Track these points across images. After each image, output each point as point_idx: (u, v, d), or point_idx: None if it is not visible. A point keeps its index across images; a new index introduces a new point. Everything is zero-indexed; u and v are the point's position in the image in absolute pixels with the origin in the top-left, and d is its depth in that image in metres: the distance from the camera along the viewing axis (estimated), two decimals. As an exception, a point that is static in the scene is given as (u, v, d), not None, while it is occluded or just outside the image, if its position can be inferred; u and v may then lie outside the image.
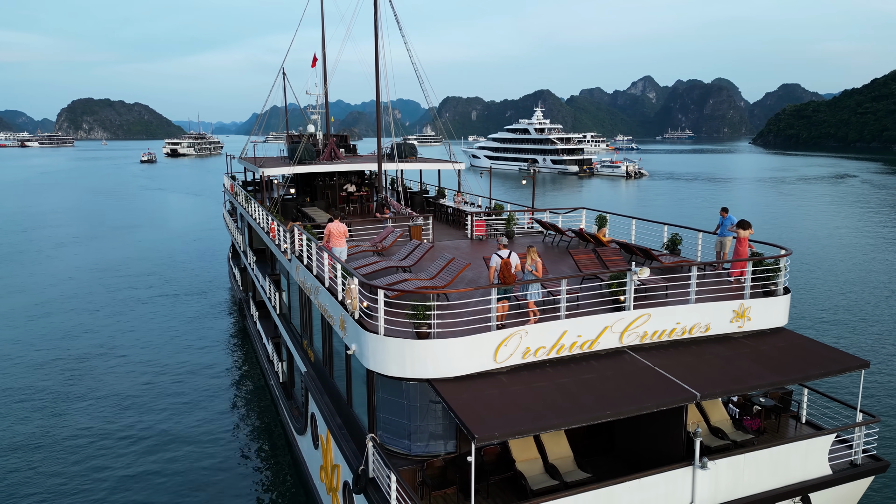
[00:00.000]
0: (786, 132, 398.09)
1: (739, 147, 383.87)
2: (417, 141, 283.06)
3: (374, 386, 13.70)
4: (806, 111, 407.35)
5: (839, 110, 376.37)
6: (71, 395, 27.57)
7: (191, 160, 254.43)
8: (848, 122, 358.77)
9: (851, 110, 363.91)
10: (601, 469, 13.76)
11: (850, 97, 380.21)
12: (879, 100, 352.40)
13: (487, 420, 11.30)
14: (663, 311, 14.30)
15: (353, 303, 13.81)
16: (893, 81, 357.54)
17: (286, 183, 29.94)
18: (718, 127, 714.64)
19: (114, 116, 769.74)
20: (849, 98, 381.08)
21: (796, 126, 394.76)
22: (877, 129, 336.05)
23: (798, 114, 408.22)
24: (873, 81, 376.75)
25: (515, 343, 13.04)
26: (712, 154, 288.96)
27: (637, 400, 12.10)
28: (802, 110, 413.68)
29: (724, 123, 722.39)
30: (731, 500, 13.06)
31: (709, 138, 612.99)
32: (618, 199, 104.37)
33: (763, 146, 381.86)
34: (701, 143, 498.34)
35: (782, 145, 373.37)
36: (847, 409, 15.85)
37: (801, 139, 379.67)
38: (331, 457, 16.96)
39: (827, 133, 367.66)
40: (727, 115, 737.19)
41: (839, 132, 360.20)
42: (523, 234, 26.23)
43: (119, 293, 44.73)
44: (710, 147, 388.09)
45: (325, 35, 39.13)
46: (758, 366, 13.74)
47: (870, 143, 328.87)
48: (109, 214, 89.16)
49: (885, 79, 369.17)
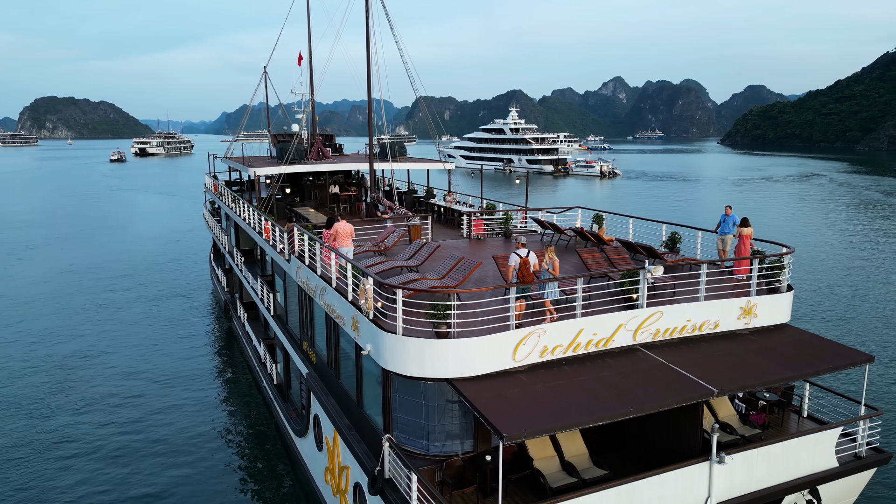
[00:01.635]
0: (753, 132, 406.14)
1: (708, 147, 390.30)
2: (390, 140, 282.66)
3: (391, 386, 13.63)
4: (772, 112, 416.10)
5: (804, 111, 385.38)
6: (52, 405, 26.56)
7: (160, 160, 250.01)
8: (812, 123, 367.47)
9: (816, 111, 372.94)
10: (615, 466, 13.91)
11: (815, 98, 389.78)
12: (842, 101, 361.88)
13: (513, 419, 11.33)
14: (675, 308, 14.50)
15: (369, 303, 13.73)
16: (856, 83, 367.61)
17: (278, 183, 29.59)
18: (687, 127, 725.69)
19: (78, 115, 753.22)
20: (813, 99, 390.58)
21: (763, 126, 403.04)
22: (840, 130, 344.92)
23: (764, 115, 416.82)
24: (836, 83, 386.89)
25: (534, 342, 13.10)
26: (682, 154, 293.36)
27: (657, 397, 12.24)
28: (768, 111, 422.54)
29: (692, 124, 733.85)
30: (744, 494, 13.29)
31: (678, 138, 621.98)
32: (593, 198, 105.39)
33: (731, 146, 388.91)
34: (671, 143, 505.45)
35: (749, 145, 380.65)
36: (846, 402, 16.25)
37: (768, 139, 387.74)
38: (338, 458, 16.84)
39: (792, 133, 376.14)
40: (695, 116, 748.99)
41: (804, 132, 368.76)
42: (517, 233, 26.28)
43: (97, 296, 43.75)
44: (679, 147, 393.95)
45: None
46: (768, 361, 14.01)
47: (833, 144, 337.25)
48: (81, 215, 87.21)
49: (847, 81, 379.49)
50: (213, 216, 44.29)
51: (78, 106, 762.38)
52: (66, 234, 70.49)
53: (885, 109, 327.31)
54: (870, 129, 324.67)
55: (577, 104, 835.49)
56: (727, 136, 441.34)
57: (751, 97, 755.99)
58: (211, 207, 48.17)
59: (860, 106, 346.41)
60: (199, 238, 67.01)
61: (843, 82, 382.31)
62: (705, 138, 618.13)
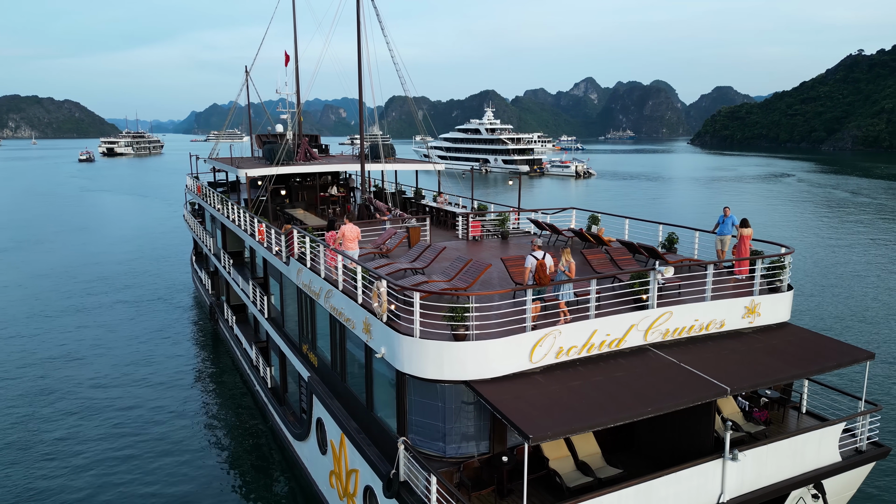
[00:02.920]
0: (721, 133, 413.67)
1: (678, 147, 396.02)
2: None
3: (406, 389, 13.62)
4: (739, 113, 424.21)
5: (770, 112, 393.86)
6: (33, 416, 25.68)
7: (129, 160, 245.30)
8: (779, 124, 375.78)
9: (782, 112, 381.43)
10: (627, 464, 14.09)
11: (781, 99, 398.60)
12: (807, 102, 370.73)
13: (537, 420, 11.42)
14: (683, 308, 14.74)
15: (383, 306, 13.70)
16: (820, 85, 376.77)
17: (271, 183, 29.26)
18: (657, 127, 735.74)
19: (42, 114, 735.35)
20: (779, 100, 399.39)
21: (731, 127, 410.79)
22: (805, 130, 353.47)
23: (732, 115, 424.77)
24: (802, 84, 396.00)
25: (550, 343, 13.22)
26: (654, 154, 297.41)
27: (673, 396, 12.44)
28: (736, 112, 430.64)
29: (662, 124, 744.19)
30: (754, 490, 13.57)
31: (648, 138, 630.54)
32: (570, 198, 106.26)
33: (700, 146, 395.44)
34: (641, 143, 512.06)
35: (718, 145, 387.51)
36: (843, 397, 16.68)
37: (736, 139, 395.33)
38: (346, 462, 16.77)
39: (759, 134, 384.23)
40: (665, 116, 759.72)
41: (771, 133, 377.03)
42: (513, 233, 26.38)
43: (76, 300, 42.77)
44: (650, 147, 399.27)
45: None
46: (775, 359, 14.32)
47: (799, 144, 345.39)
48: (52, 217, 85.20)
49: (812, 82, 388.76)
50: (196, 217, 43.66)
51: (42, 105, 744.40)
52: (37, 237, 68.80)
53: (848, 110, 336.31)
54: (834, 129, 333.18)
55: (550, 104, 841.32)
56: (697, 137, 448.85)
57: (718, 98, 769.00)
58: (192, 209, 47.48)
59: (825, 107, 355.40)
60: (176, 240, 65.97)
61: (808, 84, 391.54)
62: (675, 138, 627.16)
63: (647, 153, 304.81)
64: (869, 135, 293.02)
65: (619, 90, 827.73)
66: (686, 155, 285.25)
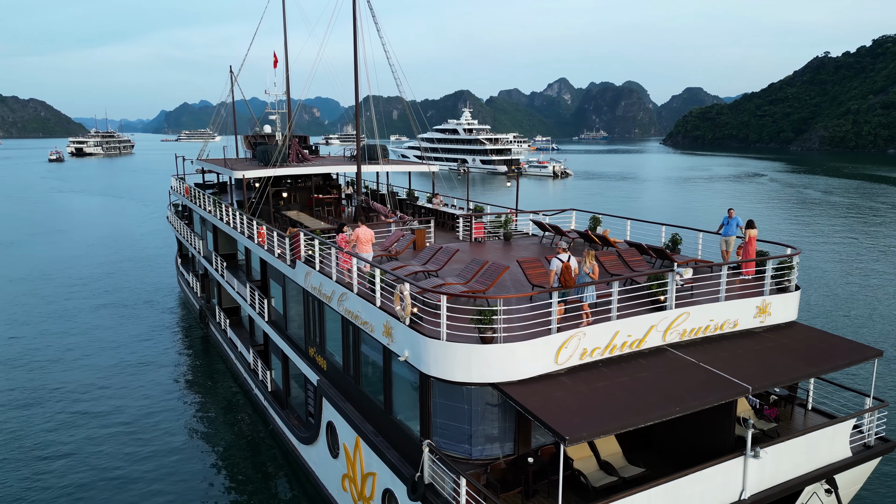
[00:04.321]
0: (692, 133, 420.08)
1: (651, 147, 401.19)
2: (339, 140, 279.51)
3: (431, 391, 13.64)
4: (710, 113, 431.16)
5: (740, 113, 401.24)
6: (20, 422, 25.08)
7: (99, 160, 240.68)
8: (748, 124, 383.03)
9: (751, 113, 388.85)
10: (647, 463, 14.30)
11: (750, 101, 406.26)
12: (776, 103, 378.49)
13: (571, 421, 11.54)
14: (700, 309, 15.00)
15: (407, 309, 13.70)
16: (788, 86, 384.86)
17: (268, 186, 28.96)
18: (630, 128, 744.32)
19: (6, 113, 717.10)
20: (748, 101, 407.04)
21: (702, 127, 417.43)
22: (774, 131, 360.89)
23: (703, 116, 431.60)
24: (770, 86, 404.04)
25: (575, 344, 13.35)
26: (628, 154, 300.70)
27: (698, 395, 12.66)
28: (707, 112, 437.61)
29: (634, 125, 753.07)
30: (772, 486, 13.87)
31: (621, 139, 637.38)
32: (547, 197, 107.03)
33: (673, 146, 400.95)
34: (615, 143, 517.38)
35: (690, 145, 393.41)
36: (847, 393, 17.13)
37: (707, 140, 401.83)
38: (361, 465, 16.73)
39: (730, 134, 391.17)
40: (637, 117, 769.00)
41: (740, 133, 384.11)
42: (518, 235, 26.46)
43: (57, 306, 41.78)
44: (624, 147, 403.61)
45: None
46: (789, 358, 14.65)
47: (768, 144, 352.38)
48: (25, 219, 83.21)
49: (780, 84, 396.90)
50: (182, 219, 43.03)
51: (6, 103, 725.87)
52: (10, 240, 67.12)
53: (815, 111, 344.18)
54: (801, 129, 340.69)
55: (524, 105, 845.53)
56: (669, 137, 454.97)
57: (689, 99, 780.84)
58: (175, 210, 46.78)
59: (792, 108, 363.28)
60: (157, 241, 64.99)
61: (776, 85, 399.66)
62: (647, 138, 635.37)
63: (622, 153, 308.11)
64: (836, 135, 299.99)
65: (592, 91, 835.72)
66: (660, 155, 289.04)
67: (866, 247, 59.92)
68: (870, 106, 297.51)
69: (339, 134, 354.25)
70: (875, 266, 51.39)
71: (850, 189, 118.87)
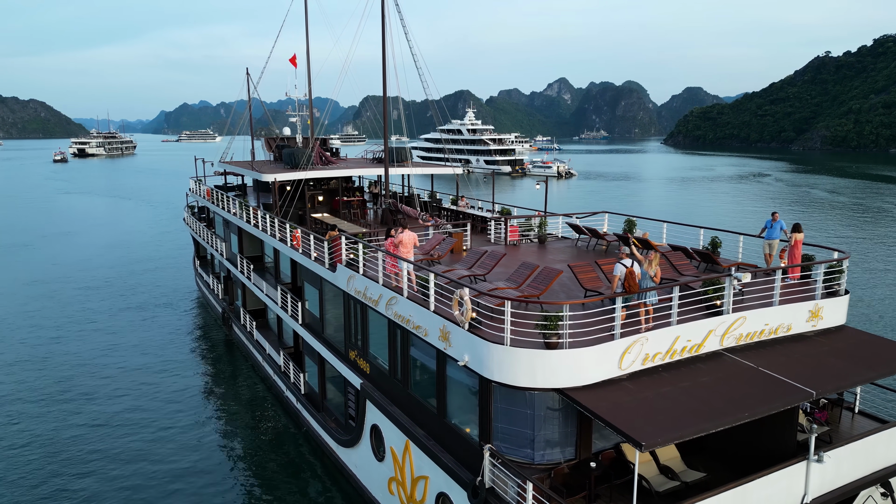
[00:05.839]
0: (693, 133, 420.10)
1: (652, 147, 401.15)
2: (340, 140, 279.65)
3: (492, 396, 13.67)
4: (711, 113, 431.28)
5: (741, 112, 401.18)
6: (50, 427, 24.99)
7: (101, 161, 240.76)
8: (749, 124, 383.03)
9: (752, 112, 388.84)
10: (704, 467, 14.34)
11: (751, 100, 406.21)
12: (777, 103, 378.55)
13: (645, 427, 11.57)
14: (756, 313, 15.03)
15: (468, 314, 13.74)
16: (789, 86, 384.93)
17: (300, 188, 28.93)
18: (630, 128, 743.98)
19: (6, 114, 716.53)
20: (749, 101, 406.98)
21: (703, 127, 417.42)
22: (775, 131, 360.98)
23: (704, 116, 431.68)
24: (771, 85, 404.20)
25: (637, 350, 13.39)
26: (630, 154, 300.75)
27: (766, 401, 12.70)
28: (708, 112, 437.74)
29: (634, 124, 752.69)
30: (832, 490, 13.92)
31: (621, 139, 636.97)
32: (554, 198, 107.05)
33: (674, 146, 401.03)
34: (615, 143, 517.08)
35: (691, 145, 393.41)
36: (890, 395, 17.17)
37: (708, 139, 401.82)
38: (412, 469, 16.76)
39: (731, 134, 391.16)
40: (637, 117, 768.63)
41: (742, 133, 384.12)
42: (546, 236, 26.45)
43: (74, 308, 41.70)
44: (625, 147, 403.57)
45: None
46: (845, 362, 14.70)
47: (769, 144, 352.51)
48: (35, 220, 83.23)
49: (781, 83, 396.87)
50: (201, 221, 43.04)
51: (6, 104, 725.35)
52: (23, 242, 67.15)
53: (816, 111, 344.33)
54: (803, 129, 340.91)
55: (524, 105, 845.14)
56: (670, 137, 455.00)
57: (689, 98, 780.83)
58: (192, 212, 46.79)
59: (793, 108, 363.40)
60: (170, 243, 65.02)
61: (777, 85, 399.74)
62: (647, 138, 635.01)
63: (624, 153, 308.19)
64: (837, 135, 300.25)
65: (592, 90, 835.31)
66: (661, 155, 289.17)
67: (889, 247, 59.97)
68: (871, 105, 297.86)
69: (340, 134, 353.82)
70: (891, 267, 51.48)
71: (858, 189, 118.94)
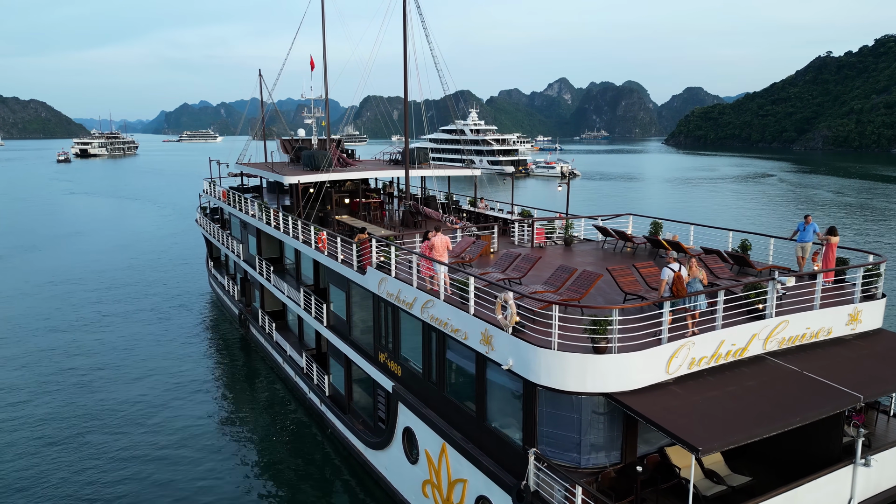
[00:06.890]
0: (695, 133, 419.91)
1: (653, 147, 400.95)
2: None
3: (537, 399, 13.67)
4: (712, 113, 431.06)
5: (742, 113, 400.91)
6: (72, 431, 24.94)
7: (104, 161, 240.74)
8: (751, 124, 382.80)
9: (753, 112, 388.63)
10: (749, 471, 14.33)
11: (752, 100, 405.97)
12: (778, 103, 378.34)
13: (699, 431, 11.57)
14: (798, 317, 15.03)
15: (512, 318, 13.74)
16: (790, 86, 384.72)
17: (320, 190, 28.92)
18: (630, 128, 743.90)
19: (7, 114, 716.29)
20: (750, 101, 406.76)
21: (704, 127, 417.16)
22: (777, 131, 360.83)
23: (705, 116, 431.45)
24: (772, 85, 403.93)
25: (685, 354, 13.40)
26: (632, 154, 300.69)
27: (813, 405, 12.70)
28: (709, 112, 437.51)
29: (635, 124, 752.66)
30: (876, 494, 13.95)
31: (622, 139, 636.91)
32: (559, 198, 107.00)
33: (675, 146, 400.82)
34: (616, 143, 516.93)
35: (692, 145, 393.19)
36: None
37: (709, 140, 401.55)
38: (449, 472, 16.76)
39: (732, 134, 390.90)
40: (638, 117, 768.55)
41: (743, 133, 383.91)
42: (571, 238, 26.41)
43: (88, 309, 41.68)
44: (626, 147, 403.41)
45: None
46: (888, 365, 14.70)
47: (771, 144, 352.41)
48: (42, 221, 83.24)
49: (782, 83, 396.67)
50: (215, 222, 43.04)
51: (7, 104, 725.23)
52: (32, 243, 67.14)
53: (818, 111, 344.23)
54: (804, 129, 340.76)
55: (524, 105, 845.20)
56: (671, 137, 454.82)
57: (689, 98, 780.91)
58: (204, 213, 46.76)
59: (795, 108, 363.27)
60: (180, 243, 65.01)
61: (778, 85, 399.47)
62: (648, 138, 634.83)
63: (625, 153, 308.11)
64: (839, 135, 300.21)
65: (593, 90, 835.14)
66: (663, 155, 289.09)
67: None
68: (873, 105, 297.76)
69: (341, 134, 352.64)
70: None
71: (862, 189, 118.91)
